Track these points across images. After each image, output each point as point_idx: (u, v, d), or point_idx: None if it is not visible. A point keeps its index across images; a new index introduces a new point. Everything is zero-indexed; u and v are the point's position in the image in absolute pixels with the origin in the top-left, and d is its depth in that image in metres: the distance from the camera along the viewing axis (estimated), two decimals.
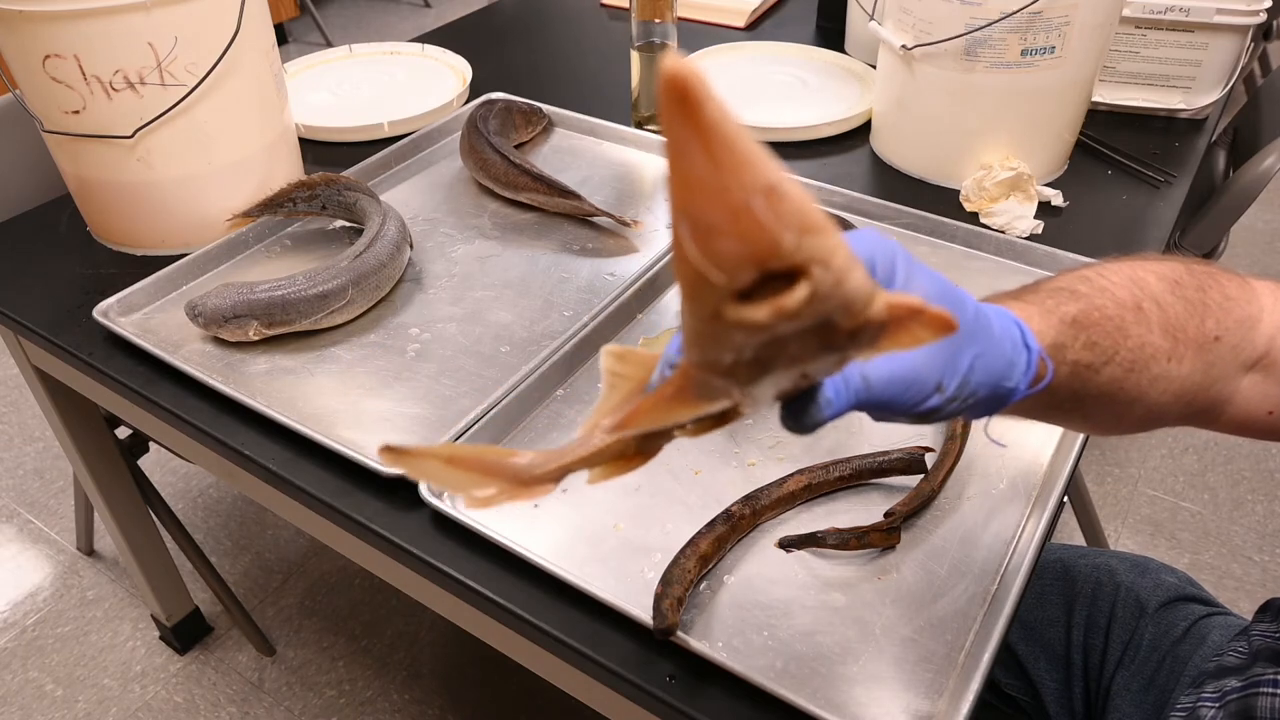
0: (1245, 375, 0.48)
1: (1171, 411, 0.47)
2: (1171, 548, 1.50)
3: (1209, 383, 0.47)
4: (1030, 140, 0.94)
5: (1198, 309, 0.46)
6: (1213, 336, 0.46)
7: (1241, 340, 0.47)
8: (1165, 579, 0.79)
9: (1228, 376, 0.48)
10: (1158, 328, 0.44)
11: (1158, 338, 0.44)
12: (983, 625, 0.57)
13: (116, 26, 0.78)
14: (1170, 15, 1.02)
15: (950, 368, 0.37)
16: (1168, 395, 0.46)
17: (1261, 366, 0.48)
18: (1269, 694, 0.56)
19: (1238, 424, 0.50)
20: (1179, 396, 0.46)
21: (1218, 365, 0.47)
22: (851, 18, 1.25)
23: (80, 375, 0.86)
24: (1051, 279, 0.46)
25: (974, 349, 0.38)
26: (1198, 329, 0.45)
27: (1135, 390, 0.45)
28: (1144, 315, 0.44)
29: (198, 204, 0.90)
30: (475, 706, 1.30)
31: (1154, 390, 0.45)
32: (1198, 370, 0.46)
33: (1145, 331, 0.44)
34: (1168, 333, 0.45)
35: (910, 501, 0.63)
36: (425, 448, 0.34)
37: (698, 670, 0.55)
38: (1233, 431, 0.51)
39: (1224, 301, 0.47)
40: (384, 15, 3.56)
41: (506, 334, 0.80)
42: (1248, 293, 0.48)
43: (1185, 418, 0.49)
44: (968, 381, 0.37)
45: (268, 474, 0.69)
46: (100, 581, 1.48)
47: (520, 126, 1.06)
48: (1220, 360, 0.47)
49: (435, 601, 0.69)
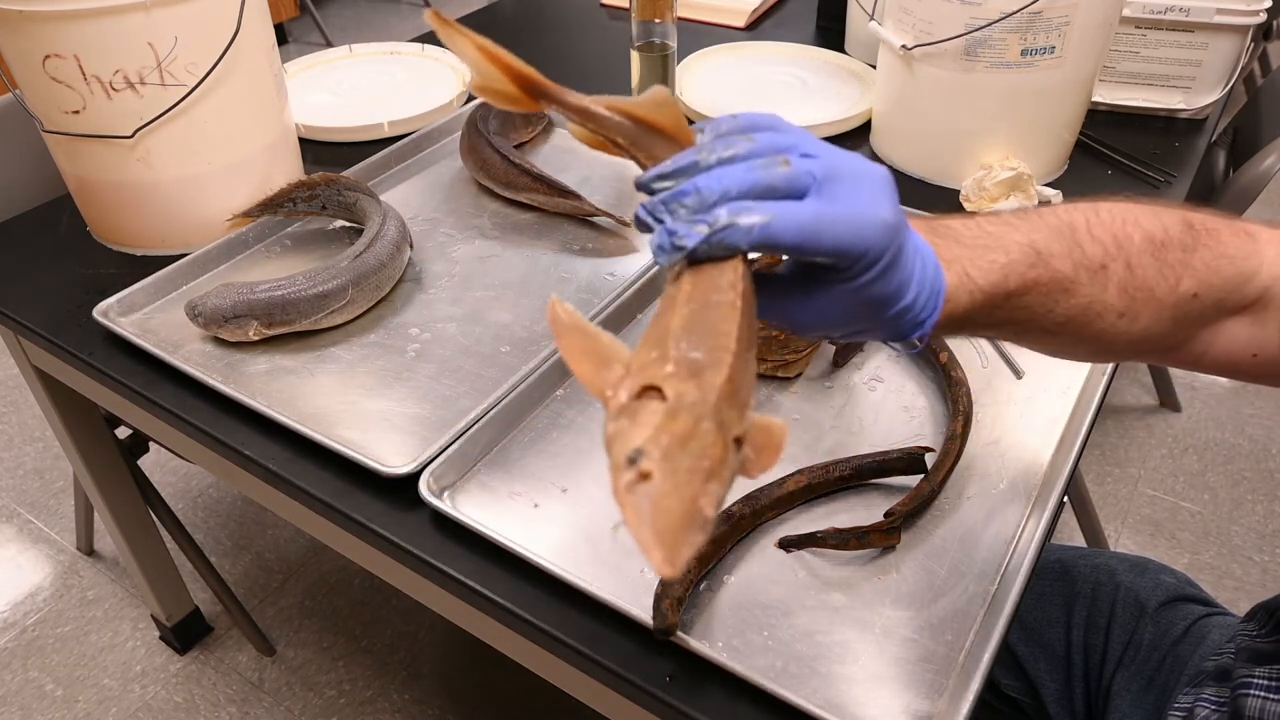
0: (1231, 319, 0.50)
1: (1126, 352, 0.50)
2: (1171, 548, 1.50)
3: (1179, 330, 0.49)
4: (1030, 140, 0.94)
5: (1174, 269, 0.47)
6: (1189, 294, 0.47)
7: (1227, 295, 0.48)
8: (1164, 579, 0.79)
9: (1205, 324, 0.49)
10: (1115, 288, 0.46)
11: (1112, 297, 0.46)
12: (983, 625, 0.57)
13: (116, 26, 0.78)
14: (1170, 15, 1.02)
15: (838, 329, 0.43)
16: (1119, 343, 0.48)
17: (1252, 311, 0.49)
18: (1257, 696, 0.57)
19: (1220, 364, 0.51)
20: (1135, 343, 0.48)
21: (1190, 317, 0.48)
22: (851, 18, 1.25)
23: (80, 375, 0.86)
24: (1047, 216, 0.47)
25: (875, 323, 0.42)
26: (1169, 290, 0.47)
27: (1071, 337, 0.47)
28: (1104, 275, 0.46)
29: (198, 204, 0.90)
30: (475, 706, 1.31)
31: (1098, 339, 0.47)
32: (1161, 323, 0.48)
33: (1098, 291, 0.46)
34: (1125, 293, 0.46)
35: (910, 501, 0.63)
36: (469, 33, 0.41)
37: (697, 670, 0.55)
38: (1214, 371, 0.52)
39: (1214, 260, 0.48)
40: (384, 15, 3.56)
41: (506, 334, 0.80)
42: (1248, 248, 0.49)
43: (1149, 356, 0.51)
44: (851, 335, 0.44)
45: (268, 474, 0.69)
46: (100, 581, 1.48)
47: (520, 126, 1.06)
48: (1195, 312, 0.48)
49: (435, 601, 0.69)
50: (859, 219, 0.38)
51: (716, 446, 0.32)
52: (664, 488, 0.31)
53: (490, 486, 0.67)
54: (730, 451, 0.33)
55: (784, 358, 0.74)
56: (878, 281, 0.40)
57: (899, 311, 0.42)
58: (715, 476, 0.32)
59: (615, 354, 0.37)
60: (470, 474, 0.68)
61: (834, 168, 0.39)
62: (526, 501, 0.66)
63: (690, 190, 0.38)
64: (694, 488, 0.31)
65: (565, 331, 0.38)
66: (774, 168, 0.38)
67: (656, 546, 0.30)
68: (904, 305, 0.41)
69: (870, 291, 0.40)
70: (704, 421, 0.32)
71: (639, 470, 0.31)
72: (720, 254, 0.38)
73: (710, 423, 0.32)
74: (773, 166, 0.38)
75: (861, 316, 0.42)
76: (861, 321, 0.42)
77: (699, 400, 0.33)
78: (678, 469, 0.31)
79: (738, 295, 0.37)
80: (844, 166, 0.40)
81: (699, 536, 0.30)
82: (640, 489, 0.31)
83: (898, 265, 0.40)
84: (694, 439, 0.32)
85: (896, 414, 0.72)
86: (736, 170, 0.38)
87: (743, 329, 0.37)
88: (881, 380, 0.76)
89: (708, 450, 0.32)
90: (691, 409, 0.33)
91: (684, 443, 0.32)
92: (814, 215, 0.38)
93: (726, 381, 0.34)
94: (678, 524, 0.30)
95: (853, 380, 0.76)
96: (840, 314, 0.42)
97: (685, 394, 0.33)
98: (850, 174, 0.39)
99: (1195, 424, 1.73)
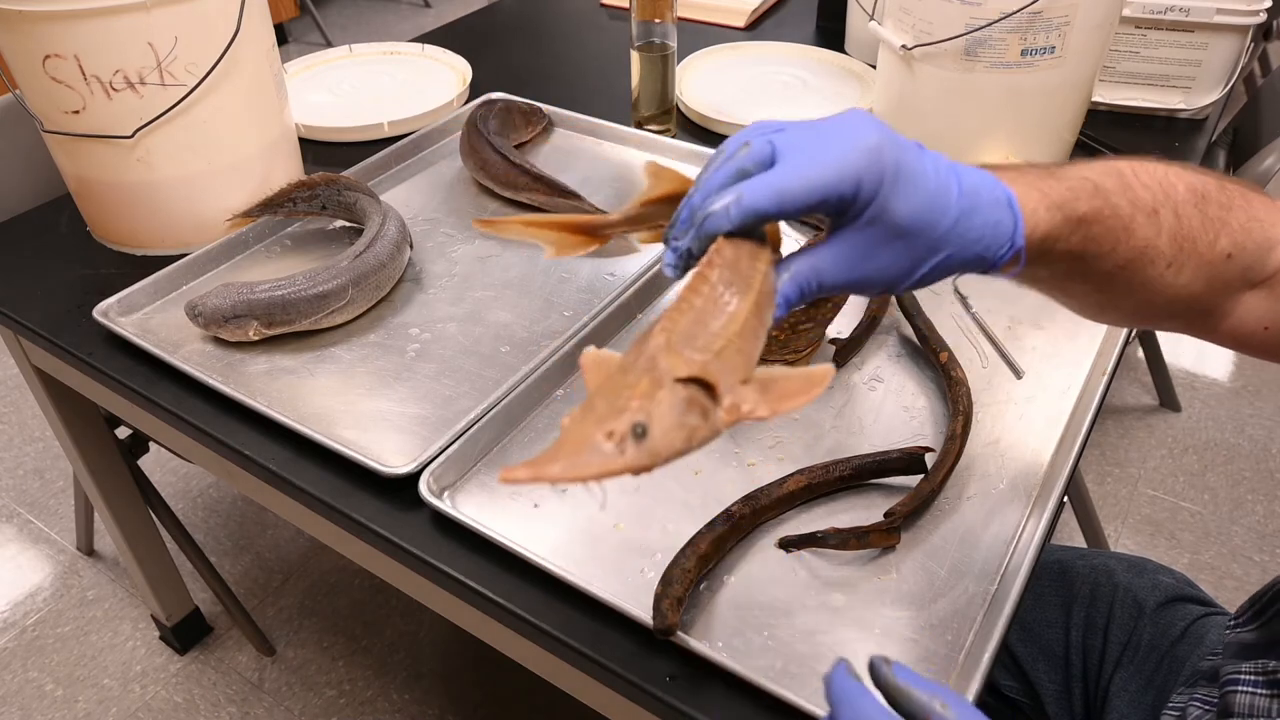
0: (1250, 291, 0.50)
1: (1162, 312, 0.50)
2: (1171, 548, 1.50)
3: (1210, 294, 0.49)
4: (1030, 140, 0.94)
5: (1214, 225, 0.47)
6: (1224, 254, 0.47)
7: (1255, 261, 0.49)
8: (1162, 579, 0.79)
9: (1231, 292, 0.50)
10: (1167, 234, 0.46)
11: (1164, 244, 0.46)
12: (983, 625, 0.57)
13: (116, 26, 0.78)
14: (1170, 15, 1.02)
15: (909, 273, 0.43)
16: (1161, 297, 0.48)
17: (1268, 285, 0.50)
18: (1245, 691, 0.57)
19: (1233, 336, 0.52)
20: (1172, 301, 0.48)
21: (1222, 279, 0.49)
22: (851, 18, 1.26)
23: (80, 375, 0.86)
24: (1091, 164, 0.47)
25: (941, 253, 0.42)
26: (1209, 245, 0.47)
27: (1124, 285, 0.47)
28: (1157, 219, 0.46)
29: (198, 204, 0.90)
30: (475, 706, 1.31)
31: (1145, 290, 0.48)
32: (1198, 281, 0.48)
33: (1153, 235, 0.46)
34: (1175, 241, 0.46)
35: (910, 501, 0.63)
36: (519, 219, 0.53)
37: (697, 670, 0.55)
38: (1226, 343, 0.52)
39: (1247, 222, 0.48)
40: (384, 15, 3.56)
41: (506, 334, 0.80)
42: (1275, 215, 0.49)
43: (1177, 320, 0.51)
44: (929, 276, 0.43)
45: (268, 474, 0.69)
46: (100, 581, 1.48)
47: (520, 126, 1.06)
48: (1227, 276, 0.48)
49: (435, 601, 0.69)
50: (830, 154, 0.40)
51: (641, 383, 0.36)
52: (576, 417, 0.36)
53: (490, 486, 0.67)
54: (671, 390, 0.36)
55: (784, 358, 0.74)
56: (897, 199, 0.40)
57: (955, 227, 0.42)
58: (626, 410, 0.35)
59: None
60: (470, 474, 0.68)
61: (797, 130, 0.41)
62: (526, 501, 0.66)
63: (684, 211, 0.43)
64: (589, 424, 0.35)
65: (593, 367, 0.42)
66: (738, 155, 0.41)
67: (528, 461, 0.34)
68: (956, 216, 0.42)
69: (898, 221, 0.41)
70: (632, 370, 0.37)
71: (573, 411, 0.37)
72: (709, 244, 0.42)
73: (640, 368, 0.37)
74: (737, 155, 0.41)
75: (924, 248, 0.42)
76: (929, 253, 0.42)
77: (638, 353, 0.38)
78: (591, 408, 0.36)
79: (702, 267, 0.42)
80: (807, 126, 0.41)
81: (596, 459, 0.34)
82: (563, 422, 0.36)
83: (907, 182, 0.41)
84: (621, 384, 0.37)
85: (896, 414, 0.72)
86: (711, 177, 0.42)
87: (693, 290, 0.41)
88: (881, 380, 0.76)
89: (631, 387, 0.36)
90: (630, 360, 0.38)
91: (613, 388, 0.37)
92: (781, 173, 0.40)
93: (662, 331, 0.38)
94: (558, 450, 0.34)
95: (853, 380, 0.76)
96: (903, 256, 0.42)
97: (642, 350, 0.38)
98: (814, 129, 0.41)
99: (1195, 424, 1.73)
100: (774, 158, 0.41)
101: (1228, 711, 0.57)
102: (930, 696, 0.38)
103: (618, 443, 0.34)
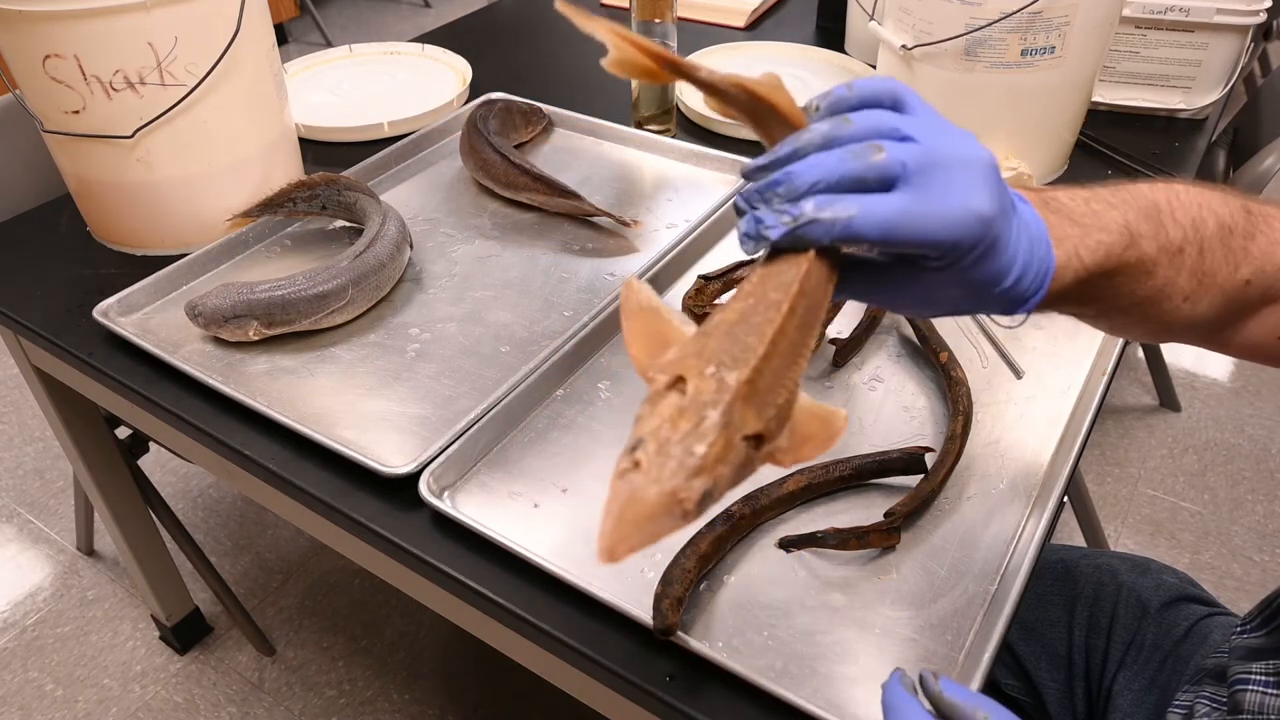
0: (1269, 306, 0.50)
1: (1177, 336, 0.50)
2: (1171, 548, 1.50)
3: (1226, 317, 0.49)
4: (1030, 140, 0.94)
5: (1236, 256, 0.47)
6: (1244, 280, 0.48)
7: (1275, 283, 0.49)
8: (1166, 579, 0.79)
9: (1249, 314, 0.50)
10: (1188, 271, 0.46)
11: (1184, 280, 0.46)
12: (983, 625, 0.57)
13: (116, 26, 0.78)
14: (1170, 15, 1.02)
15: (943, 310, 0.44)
16: (1175, 325, 0.48)
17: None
18: (1256, 690, 0.57)
19: (1246, 347, 0.52)
20: (1186, 328, 0.49)
21: (1240, 304, 0.49)
22: (851, 18, 1.26)
23: (80, 375, 0.86)
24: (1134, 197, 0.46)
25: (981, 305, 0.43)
26: (1229, 275, 0.47)
27: (1138, 317, 0.47)
28: (1181, 258, 0.46)
29: (197, 204, 0.90)
30: (475, 706, 1.31)
31: (1159, 320, 0.48)
32: (1215, 308, 0.48)
33: (1174, 274, 0.46)
34: (1194, 276, 0.46)
35: (910, 501, 0.63)
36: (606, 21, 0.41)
37: (697, 670, 0.55)
38: (1239, 353, 0.52)
39: (1269, 247, 0.48)
40: (384, 15, 3.56)
41: (506, 334, 0.80)
42: None
43: (1189, 339, 0.51)
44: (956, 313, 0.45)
45: (268, 474, 0.69)
46: (100, 581, 1.48)
47: (520, 126, 1.06)
48: (1245, 300, 0.49)
49: (435, 602, 0.69)
50: (947, 213, 0.38)
51: (717, 445, 0.33)
52: (645, 480, 0.32)
53: (490, 486, 0.67)
54: (736, 450, 0.34)
55: None
56: (973, 269, 0.40)
57: (1002, 292, 0.42)
58: (706, 472, 0.33)
59: (675, 337, 0.39)
60: (470, 474, 0.68)
61: (930, 154, 0.38)
62: (526, 501, 0.66)
63: (782, 179, 0.38)
64: (674, 484, 0.32)
65: (633, 314, 0.40)
66: (866, 156, 0.38)
67: (606, 534, 0.31)
68: (1006, 286, 0.42)
69: (968, 277, 0.40)
70: (708, 420, 0.33)
71: (633, 459, 0.32)
72: (802, 246, 0.39)
73: (715, 421, 0.33)
74: (865, 155, 0.38)
75: (962, 299, 0.42)
76: (963, 303, 0.43)
77: (711, 399, 0.34)
78: (665, 463, 0.32)
79: (788, 297, 0.38)
80: (942, 152, 0.38)
81: (665, 528, 0.32)
82: (628, 477, 0.32)
83: (995, 252, 0.40)
84: (693, 436, 0.33)
85: (896, 414, 0.72)
86: (829, 159, 0.38)
87: (781, 331, 0.37)
88: (881, 380, 0.76)
89: (705, 447, 0.33)
90: (699, 407, 0.34)
91: (682, 439, 0.33)
92: (899, 210, 0.37)
93: (745, 383, 0.35)
94: (641, 517, 0.31)
95: (853, 380, 0.76)
96: (942, 298, 0.42)
97: (702, 391, 0.34)
98: (946, 162, 0.38)
99: (1195, 424, 1.73)
100: (896, 182, 0.38)
101: (1236, 710, 0.57)
102: (974, 708, 0.40)
103: (689, 509, 0.33)
